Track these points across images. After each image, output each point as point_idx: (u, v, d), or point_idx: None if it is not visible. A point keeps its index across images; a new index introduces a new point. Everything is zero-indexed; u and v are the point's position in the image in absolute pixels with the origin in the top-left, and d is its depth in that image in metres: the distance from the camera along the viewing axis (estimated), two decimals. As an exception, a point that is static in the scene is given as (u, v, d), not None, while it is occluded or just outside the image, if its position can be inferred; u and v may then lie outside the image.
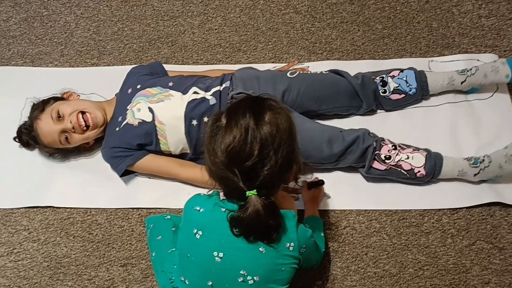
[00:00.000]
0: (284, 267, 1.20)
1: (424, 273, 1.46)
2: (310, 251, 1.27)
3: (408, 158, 1.52)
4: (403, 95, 1.68)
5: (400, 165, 1.53)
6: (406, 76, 1.68)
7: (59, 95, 1.75)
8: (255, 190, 1.10)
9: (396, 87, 1.67)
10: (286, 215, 1.19)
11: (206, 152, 1.15)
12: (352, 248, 1.51)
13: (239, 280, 1.18)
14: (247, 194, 1.11)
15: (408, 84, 1.68)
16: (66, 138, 1.63)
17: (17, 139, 1.75)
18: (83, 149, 1.73)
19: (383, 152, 1.53)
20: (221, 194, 1.21)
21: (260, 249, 1.17)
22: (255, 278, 1.18)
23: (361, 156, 1.54)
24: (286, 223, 1.18)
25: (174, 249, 1.40)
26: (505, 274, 1.45)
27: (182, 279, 1.26)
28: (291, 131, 1.14)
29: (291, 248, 1.19)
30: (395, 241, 1.51)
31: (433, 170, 1.52)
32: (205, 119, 1.55)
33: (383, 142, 1.54)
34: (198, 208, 1.20)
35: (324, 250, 1.41)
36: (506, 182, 1.55)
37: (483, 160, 1.50)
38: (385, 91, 1.67)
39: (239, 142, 1.08)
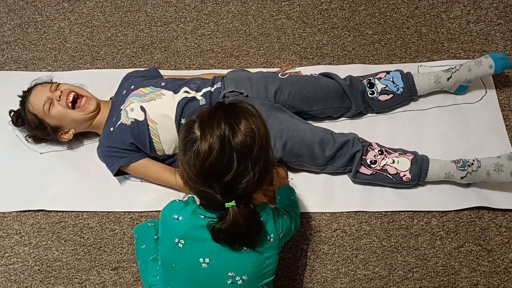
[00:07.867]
0: (269, 259, 1.21)
1: (414, 275, 1.47)
2: (288, 231, 1.26)
3: (393, 162, 1.54)
4: (391, 95, 1.70)
5: (386, 169, 1.54)
6: (393, 77, 1.71)
7: None
8: (233, 202, 1.08)
9: (384, 88, 1.70)
10: (262, 209, 1.18)
11: (181, 166, 1.11)
12: (342, 251, 1.52)
13: (228, 282, 1.18)
14: (226, 206, 1.09)
15: (395, 84, 1.70)
16: (49, 108, 1.65)
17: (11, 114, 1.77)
18: (61, 140, 1.72)
19: (369, 157, 1.55)
20: (197, 199, 1.19)
21: (245, 248, 1.17)
22: (243, 277, 1.18)
23: (350, 160, 1.56)
24: (263, 217, 1.18)
25: (155, 255, 1.39)
26: (494, 276, 1.46)
27: None
28: (267, 139, 1.11)
29: (271, 240, 1.20)
30: (385, 244, 1.52)
31: (419, 174, 1.53)
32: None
33: (370, 147, 1.56)
34: (176, 217, 1.17)
35: (299, 213, 1.39)
36: (493, 187, 1.56)
37: (472, 164, 1.51)
38: (373, 93, 1.70)
39: (216, 157, 1.04)
